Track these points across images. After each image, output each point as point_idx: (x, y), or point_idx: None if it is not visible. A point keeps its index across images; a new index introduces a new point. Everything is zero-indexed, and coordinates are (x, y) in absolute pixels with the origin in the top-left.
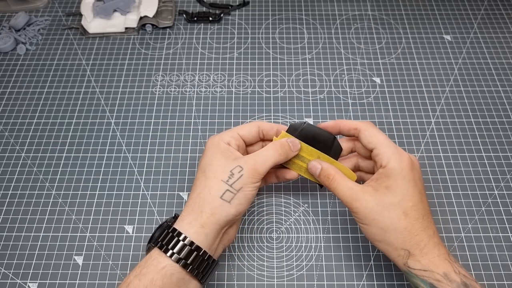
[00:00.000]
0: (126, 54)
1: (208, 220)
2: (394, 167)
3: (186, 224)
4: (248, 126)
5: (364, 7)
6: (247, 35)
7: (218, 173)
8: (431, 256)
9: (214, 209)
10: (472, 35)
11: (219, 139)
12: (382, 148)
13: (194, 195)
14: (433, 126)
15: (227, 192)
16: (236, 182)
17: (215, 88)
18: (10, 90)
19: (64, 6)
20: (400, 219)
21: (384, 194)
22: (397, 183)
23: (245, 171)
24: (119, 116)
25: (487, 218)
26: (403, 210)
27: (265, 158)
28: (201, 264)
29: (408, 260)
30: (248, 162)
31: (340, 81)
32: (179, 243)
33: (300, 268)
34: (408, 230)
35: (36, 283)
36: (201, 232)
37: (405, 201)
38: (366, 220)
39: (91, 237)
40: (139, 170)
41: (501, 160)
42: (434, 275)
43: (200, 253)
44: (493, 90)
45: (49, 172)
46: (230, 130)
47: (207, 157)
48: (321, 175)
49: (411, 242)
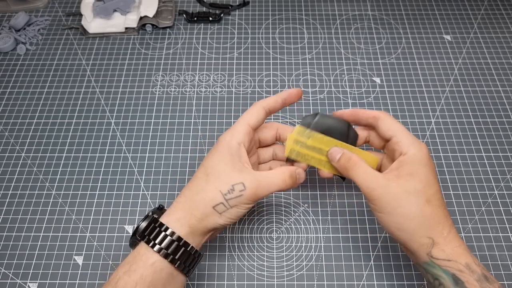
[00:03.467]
0: (126, 54)
1: (196, 223)
2: (416, 154)
3: (174, 220)
4: (256, 113)
5: (364, 7)
6: (247, 35)
7: (219, 181)
8: (454, 245)
9: (203, 215)
10: (472, 35)
11: (231, 138)
12: (402, 136)
13: (189, 193)
14: (433, 126)
15: (221, 205)
16: (232, 199)
17: (215, 88)
18: (10, 90)
19: (64, 6)
20: (425, 205)
21: (408, 180)
22: (420, 169)
23: (246, 192)
24: (119, 116)
25: (487, 218)
26: (426, 197)
27: (269, 185)
28: (188, 258)
29: (432, 249)
30: (252, 183)
31: (340, 81)
32: (166, 238)
33: (300, 268)
34: (432, 217)
35: (36, 283)
36: (188, 231)
37: (428, 188)
38: (388, 207)
39: (91, 237)
40: (139, 170)
41: (501, 160)
42: (457, 265)
43: (187, 248)
44: (493, 90)
45: (49, 172)
46: (241, 124)
47: (215, 157)
48: (341, 160)
49: (435, 230)
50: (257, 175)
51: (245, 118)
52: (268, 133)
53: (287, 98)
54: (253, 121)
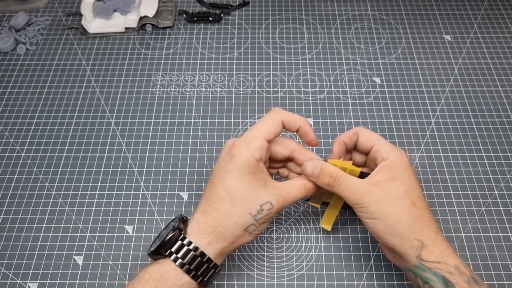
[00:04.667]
0: (126, 54)
1: (228, 247)
2: (397, 159)
3: (205, 243)
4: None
5: (364, 7)
6: (247, 35)
7: (246, 203)
8: (442, 248)
9: (235, 238)
10: (472, 35)
11: (248, 155)
12: (382, 144)
13: (217, 216)
14: (433, 126)
15: (252, 225)
16: (262, 218)
17: (215, 88)
18: (10, 90)
19: (64, 6)
20: (411, 208)
21: (391, 184)
22: (401, 173)
23: (274, 209)
24: (119, 116)
25: (487, 218)
26: (411, 200)
27: (293, 196)
28: (213, 277)
29: (421, 252)
30: (279, 200)
31: (340, 81)
32: (197, 259)
33: (300, 268)
34: (419, 219)
35: (36, 283)
36: (219, 255)
37: (412, 191)
38: (376, 213)
39: (91, 237)
40: (139, 170)
41: (501, 160)
42: (447, 267)
43: (216, 270)
44: (493, 90)
45: (49, 172)
46: (257, 138)
47: (236, 178)
48: (321, 176)
49: (423, 232)
50: (280, 189)
51: (262, 131)
52: (281, 151)
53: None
54: (269, 135)
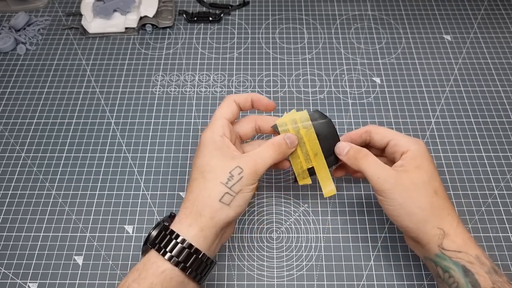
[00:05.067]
0: (126, 54)
1: (208, 223)
2: (418, 149)
3: (185, 227)
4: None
5: (364, 7)
6: (247, 35)
7: (217, 174)
8: (464, 237)
9: (213, 213)
10: (472, 35)
11: (212, 133)
12: (399, 138)
13: (192, 196)
14: (433, 126)
15: (226, 195)
16: (235, 185)
17: (215, 88)
18: (10, 90)
19: (64, 6)
20: (433, 197)
21: (416, 173)
22: (424, 163)
23: (245, 173)
24: (119, 116)
25: (487, 218)
26: (434, 189)
27: (264, 159)
28: (200, 266)
29: (443, 241)
30: (248, 163)
31: (340, 81)
32: (177, 246)
33: (300, 268)
34: (441, 208)
35: (36, 283)
36: (200, 235)
37: (433, 180)
38: (399, 199)
39: (91, 237)
40: (139, 170)
41: (501, 160)
42: (468, 257)
43: (199, 255)
44: (493, 90)
45: (49, 172)
46: (217, 119)
47: (204, 155)
48: (350, 152)
49: (446, 221)
50: (249, 154)
51: (219, 112)
52: (247, 126)
53: (257, 102)
54: (227, 114)
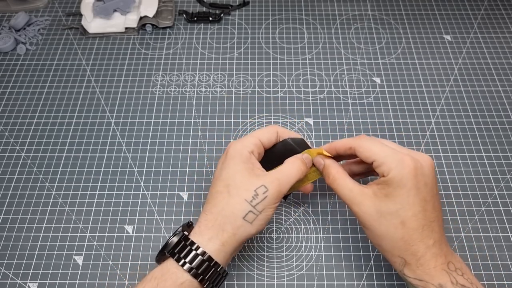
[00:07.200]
0: (126, 54)
1: (229, 239)
2: (394, 176)
3: (206, 240)
4: (268, 132)
5: (364, 7)
6: (247, 35)
7: (241, 191)
8: (426, 268)
9: (236, 229)
10: (472, 35)
11: (241, 147)
12: (381, 159)
13: (216, 210)
14: (433, 126)
15: (250, 213)
16: (259, 204)
17: (215, 88)
18: (10, 90)
19: (64, 6)
20: (397, 228)
21: (382, 201)
22: (397, 192)
23: (270, 193)
24: (119, 116)
25: (487, 218)
26: (401, 219)
27: (289, 178)
28: (216, 278)
29: (404, 268)
30: (272, 182)
31: (340, 81)
32: (197, 258)
33: (300, 268)
34: (404, 240)
35: (36, 283)
36: (222, 250)
37: (404, 210)
38: (364, 224)
39: (91, 237)
40: (139, 170)
41: (501, 160)
42: (428, 286)
43: (217, 268)
44: (493, 90)
45: (49, 172)
46: (252, 136)
47: (230, 169)
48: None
49: (407, 252)
50: (274, 173)
51: (257, 132)
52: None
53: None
54: (263, 137)
